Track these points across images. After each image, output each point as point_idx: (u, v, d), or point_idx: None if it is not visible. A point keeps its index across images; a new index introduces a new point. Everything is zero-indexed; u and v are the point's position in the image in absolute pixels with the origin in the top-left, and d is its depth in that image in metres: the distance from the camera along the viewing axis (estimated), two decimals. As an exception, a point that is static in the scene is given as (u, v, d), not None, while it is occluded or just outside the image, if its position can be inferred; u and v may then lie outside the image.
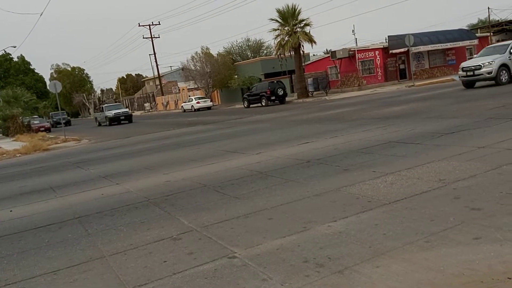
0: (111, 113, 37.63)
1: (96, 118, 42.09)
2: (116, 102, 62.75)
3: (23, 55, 78.08)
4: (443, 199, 4.91)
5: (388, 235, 4.07)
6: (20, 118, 36.04)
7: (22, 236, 5.77)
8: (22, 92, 38.67)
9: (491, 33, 47.28)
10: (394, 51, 35.93)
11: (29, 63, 78.34)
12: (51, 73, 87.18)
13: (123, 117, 37.72)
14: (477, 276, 3.13)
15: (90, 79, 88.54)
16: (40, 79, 78.74)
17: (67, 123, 51.09)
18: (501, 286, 2.96)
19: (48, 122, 48.57)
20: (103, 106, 40.65)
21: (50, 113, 43.91)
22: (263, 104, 36.29)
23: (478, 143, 7.65)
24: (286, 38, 36.28)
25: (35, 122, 41.95)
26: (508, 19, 54.71)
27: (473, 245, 3.63)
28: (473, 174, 5.71)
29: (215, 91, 54.21)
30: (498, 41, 51.90)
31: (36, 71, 78.97)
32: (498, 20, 56.10)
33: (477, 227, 3.99)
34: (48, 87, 31.91)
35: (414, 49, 34.44)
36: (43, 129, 39.81)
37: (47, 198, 8.12)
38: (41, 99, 65.38)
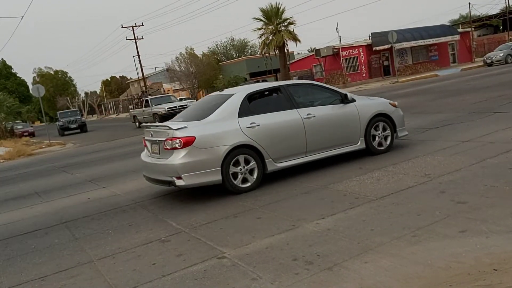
0: (162, 108, 26.19)
1: (134, 116, 30.02)
2: (165, 94, 38.84)
3: (4, 59, 77.02)
4: (429, 194, 4.96)
5: (376, 231, 4.11)
6: (3, 123, 35.51)
7: (8, 242, 5.69)
8: (4, 97, 38.06)
9: (472, 29, 47.88)
10: (377, 48, 36.16)
11: (10, 67, 77.29)
12: (34, 77, 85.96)
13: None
14: (464, 268, 3.17)
15: (74, 82, 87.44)
16: (23, 83, 77.72)
17: (81, 128, 34.82)
18: (488, 278, 3.00)
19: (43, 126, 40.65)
20: (148, 99, 28.73)
21: (58, 113, 33.96)
22: (249, 103, 36.24)
23: (462, 137, 7.76)
24: (271, 37, 36.29)
25: (19, 127, 41.34)
26: (489, 14, 55.52)
27: (459, 238, 3.67)
28: (458, 168, 5.79)
29: (201, 92, 54.07)
30: (479, 36, 52.64)
31: (18, 75, 77.98)
32: (479, 16, 56.90)
33: (462, 220, 4.05)
34: (31, 91, 30.49)
35: (397, 46, 34.71)
36: (26, 134, 39.24)
37: (33, 204, 8.02)
38: (24, 103, 64.46)
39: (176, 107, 25.99)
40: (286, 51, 37.37)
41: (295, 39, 36.58)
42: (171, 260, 4.20)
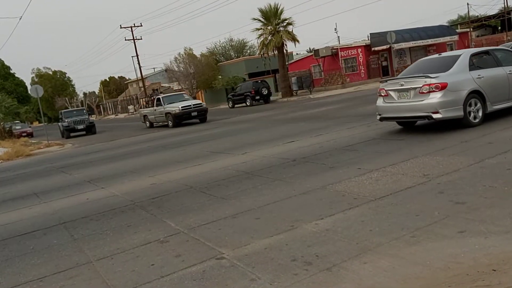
0: (176, 107, 23.92)
1: (145, 116, 27.85)
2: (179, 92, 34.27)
3: (2, 59, 76.80)
4: (428, 194, 4.96)
5: (374, 231, 4.11)
6: (2, 123, 35.47)
7: (6, 243, 5.68)
8: (2, 97, 38.08)
9: (471, 29, 47.96)
10: (376, 48, 36.21)
11: (9, 68, 77.13)
12: (32, 77, 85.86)
13: (195, 113, 23.92)
14: (463, 269, 3.17)
15: (72, 83, 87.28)
16: (21, 84, 77.52)
17: (89, 129, 30.32)
18: (487, 278, 3.00)
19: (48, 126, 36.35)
20: (160, 97, 26.19)
21: (61, 112, 30.95)
22: (248, 104, 36.27)
23: (461, 137, 7.76)
24: (269, 38, 36.30)
25: (17, 127, 41.31)
26: (487, 15, 55.59)
27: (458, 239, 3.67)
28: (457, 169, 5.79)
29: (199, 92, 54.03)
30: (478, 36, 52.68)
31: (16, 75, 77.76)
32: (477, 16, 56.97)
33: (461, 220, 4.05)
34: (29, 92, 30.21)
35: (396, 46, 34.76)
36: (25, 134, 39.21)
37: (31, 204, 8.00)
38: (23, 104, 64.20)
39: (190, 105, 23.99)
40: (285, 51, 37.40)
41: (294, 39, 36.61)
42: (169, 260, 4.20)
